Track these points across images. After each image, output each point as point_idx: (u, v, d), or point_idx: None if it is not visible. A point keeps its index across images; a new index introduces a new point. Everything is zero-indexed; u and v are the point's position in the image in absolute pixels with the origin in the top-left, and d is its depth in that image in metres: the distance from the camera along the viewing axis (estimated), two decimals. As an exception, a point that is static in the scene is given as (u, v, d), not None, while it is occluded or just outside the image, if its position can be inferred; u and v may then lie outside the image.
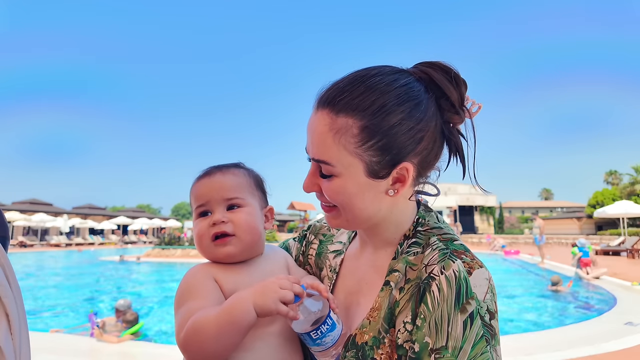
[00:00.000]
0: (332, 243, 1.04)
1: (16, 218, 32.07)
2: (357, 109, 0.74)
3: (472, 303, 0.69)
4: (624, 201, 22.92)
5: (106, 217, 48.39)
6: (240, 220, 0.89)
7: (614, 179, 47.70)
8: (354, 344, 0.79)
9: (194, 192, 0.92)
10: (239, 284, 0.85)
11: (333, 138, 0.75)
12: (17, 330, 0.68)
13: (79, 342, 5.62)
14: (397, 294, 0.78)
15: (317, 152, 0.78)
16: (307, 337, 0.79)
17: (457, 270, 0.72)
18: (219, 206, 0.89)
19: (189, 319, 0.76)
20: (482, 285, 0.71)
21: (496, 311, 0.71)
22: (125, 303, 6.12)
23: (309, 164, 0.84)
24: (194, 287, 0.83)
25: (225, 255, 0.88)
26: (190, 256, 19.13)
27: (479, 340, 0.67)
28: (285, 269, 0.97)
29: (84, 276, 15.01)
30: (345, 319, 0.86)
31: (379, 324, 0.78)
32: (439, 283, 0.71)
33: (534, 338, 5.61)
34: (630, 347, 4.83)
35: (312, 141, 0.79)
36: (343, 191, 0.78)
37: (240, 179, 0.94)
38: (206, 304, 0.79)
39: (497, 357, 0.68)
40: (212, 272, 0.87)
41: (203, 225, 0.88)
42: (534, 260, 16.44)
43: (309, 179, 0.82)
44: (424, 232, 0.84)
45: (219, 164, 0.98)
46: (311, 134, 0.79)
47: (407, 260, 0.81)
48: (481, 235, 35.73)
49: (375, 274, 0.87)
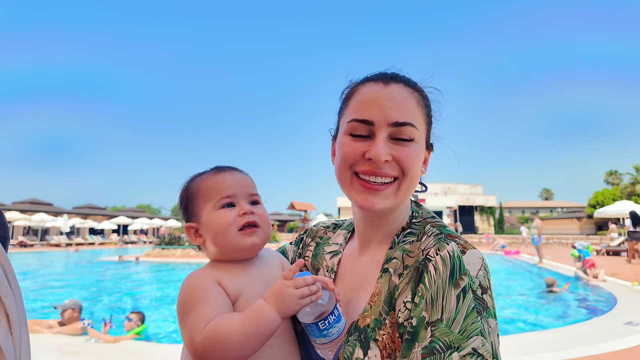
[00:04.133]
0: (328, 245, 1.07)
1: (16, 218, 32.05)
2: (422, 90, 0.90)
3: (465, 279, 0.74)
4: (624, 201, 22.91)
5: (106, 217, 48.38)
6: (263, 215, 0.93)
7: (614, 179, 47.67)
8: (357, 328, 0.83)
9: (218, 183, 0.92)
10: (242, 287, 0.86)
11: (417, 105, 0.86)
12: (17, 330, 0.68)
13: (78, 342, 5.62)
14: (397, 279, 0.82)
15: (403, 115, 0.83)
16: (314, 328, 0.81)
17: (451, 250, 0.77)
18: (245, 200, 0.92)
19: (202, 324, 0.76)
20: (476, 263, 0.76)
21: (489, 287, 0.76)
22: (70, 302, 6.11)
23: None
24: (202, 292, 0.82)
25: (251, 244, 0.89)
26: (190, 256, 19.11)
27: (471, 311, 0.71)
28: (281, 269, 0.98)
29: (84, 276, 15.01)
30: (347, 313, 0.89)
31: (379, 307, 0.82)
32: (435, 263, 0.77)
33: (534, 338, 5.60)
34: (630, 347, 4.82)
35: (394, 106, 0.83)
36: (418, 157, 0.86)
37: (253, 180, 0.98)
38: (218, 308, 0.80)
39: (490, 328, 0.72)
40: (215, 276, 0.86)
41: (230, 215, 0.89)
42: (533, 261, 16.42)
43: (383, 146, 0.82)
44: (418, 223, 0.91)
45: (221, 165, 0.99)
46: (391, 100, 0.84)
47: (404, 248, 0.87)
48: (481, 235, 35.73)
49: (375, 268, 0.90)
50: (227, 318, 0.77)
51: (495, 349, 0.70)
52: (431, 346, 0.70)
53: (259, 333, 0.76)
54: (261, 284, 0.88)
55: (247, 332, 0.75)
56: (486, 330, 0.71)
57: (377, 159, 0.81)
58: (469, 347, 0.68)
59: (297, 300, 0.78)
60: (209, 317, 0.78)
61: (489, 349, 0.69)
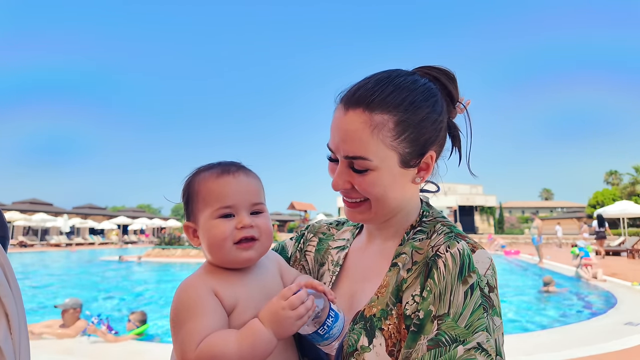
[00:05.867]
0: (333, 240, 1.08)
1: (16, 218, 32.04)
2: (391, 106, 0.82)
3: (474, 276, 0.76)
4: (624, 201, 22.91)
5: (106, 217, 48.39)
6: (265, 226, 0.88)
7: (614, 179, 47.68)
8: (363, 317, 0.84)
9: (219, 190, 0.86)
10: (239, 298, 0.84)
11: (371, 134, 0.81)
12: (17, 330, 0.68)
13: (78, 341, 5.62)
14: (405, 273, 0.84)
15: (352, 148, 0.83)
16: (315, 336, 0.81)
17: (461, 248, 0.79)
18: (245, 210, 0.86)
19: (197, 340, 0.75)
20: (484, 262, 0.78)
21: (496, 287, 0.78)
22: (70, 302, 6.08)
23: (321, 165, 0.91)
24: (197, 303, 0.79)
25: (246, 259, 0.85)
26: (190, 256, 19.11)
27: (477, 307, 0.73)
28: (278, 275, 0.96)
29: (84, 276, 15.00)
30: (351, 304, 0.91)
31: (386, 298, 0.84)
32: (445, 260, 0.78)
33: (534, 338, 5.60)
34: (630, 347, 4.83)
35: (345, 139, 0.83)
36: (379, 183, 0.84)
37: (259, 183, 0.92)
38: (213, 323, 0.78)
39: (494, 326, 0.73)
40: (211, 285, 0.83)
41: (227, 227, 0.84)
42: (534, 261, 16.42)
43: (340, 176, 0.86)
44: (429, 222, 0.92)
45: (225, 160, 0.93)
46: (343, 132, 0.83)
47: (414, 245, 0.88)
48: (481, 235, 35.72)
49: (383, 261, 0.92)
50: (222, 337, 0.75)
51: (499, 346, 0.72)
52: (437, 339, 0.72)
53: (255, 355, 0.74)
54: (258, 294, 0.86)
55: (243, 353, 0.74)
56: (491, 327, 0.73)
57: (336, 189, 0.87)
58: (474, 342, 0.70)
59: (294, 322, 0.76)
60: (204, 332, 0.75)
61: (493, 345, 0.71)
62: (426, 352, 0.72)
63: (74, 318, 5.96)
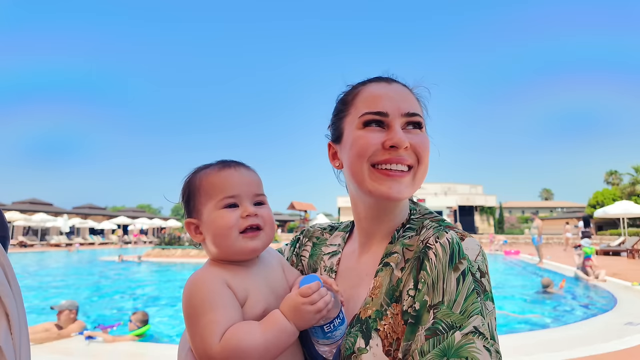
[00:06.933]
0: (325, 245, 1.09)
1: (16, 218, 32.01)
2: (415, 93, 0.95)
3: (464, 263, 0.77)
4: (624, 201, 22.84)
5: (106, 217, 48.35)
6: (268, 217, 0.90)
7: (614, 179, 47.60)
8: (359, 320, 0.85)
9: (222, 181, 0.87)
10: (249, 290, 0.85)
11: (418, 100, 0.94)
12: (17, 330, 0.68)
13: (78, 341, 5.61)
14: (400, 273, 0.84)
15: (413, 106, 0.90)
16: (318, 330, 0.82)
17: (450, 237, 0.80)
18: (249, 200, 0.88)
19: (219, 332, 0.75)
20: (474, 249, 0.79)
21: (487, 272, 0.79)
22: (66, 303, 6.06)
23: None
24: (213, 296, 0.79)
25: (252, 249, 0.86)
26: (190, 256, 19.10)
27: (471, 293, 0.74)
28: (281, 270, 0.97)
29: (84, 276, 15.00)
30: (347, 309, 0.91)
31: (380, 299, 0.84)
32: (435, 250, 0.80)
33: (534, 338, 5.59)
34: (630, 347, 4.82)
35: (403, 99, 0.89)
36: (428, 146, 0.90)
37: (259, 177, 0.94)
38: (231, 315, 0.78)
39: (487, 310, 0.74)
40: (224, 278, 0.83)
41: (232, 216, 0.85)
42: (534, 261, 16.40)
43: (403, 133, 0.87)
44: (417, 219, 0.94)
45: (226, 159, 0.94)
46: (399, 94, 0.90)
47: (404, 243, 0.89)
48: (482, 235, 35.72)
49: (376, 264, 0.92)
50: (246, 328, 0.76)
51: (492, 330, 0.73)
52: (434, 327, 0.73)
53: (279, 347, 0.77)
54: (265, 286, 0.87)
55: (269, 344, 0.76)
56: (485, 311, 0.74)
57: (400, 145, 0.85)
58: (470, 326, 0.71)
59: (313, 315, 0.79)
60: (225, 323, 0.76)
61: (487, 328, 0.72)
62: (425, 342, 0.72)
63: (69, 320, 5.94)
